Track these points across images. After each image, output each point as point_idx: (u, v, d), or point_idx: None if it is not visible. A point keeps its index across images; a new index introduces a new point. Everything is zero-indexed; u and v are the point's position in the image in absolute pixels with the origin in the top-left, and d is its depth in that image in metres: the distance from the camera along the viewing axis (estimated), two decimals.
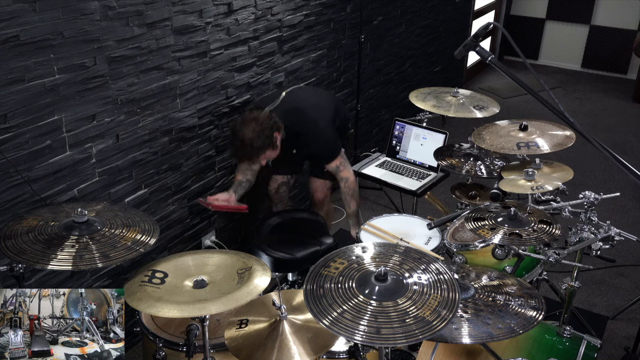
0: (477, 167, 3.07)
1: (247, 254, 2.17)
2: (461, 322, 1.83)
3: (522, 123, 2.85)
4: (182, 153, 3.03)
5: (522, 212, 2.29)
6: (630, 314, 3.33)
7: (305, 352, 1.83)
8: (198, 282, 1.96)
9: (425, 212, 3.89)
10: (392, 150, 3.56)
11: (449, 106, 3.31)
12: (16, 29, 2.13)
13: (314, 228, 2.98)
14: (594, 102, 6.51)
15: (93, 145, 2.55)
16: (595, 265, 3.00)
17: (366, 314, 1.60)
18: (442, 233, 2.63)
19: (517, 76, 1.91)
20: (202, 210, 3.26)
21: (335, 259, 1.86)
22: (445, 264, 1.83)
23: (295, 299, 2.06)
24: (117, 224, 2.00)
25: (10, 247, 1.83)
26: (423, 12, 5.20)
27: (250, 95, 3.37)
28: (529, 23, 7.46)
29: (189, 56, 2.90)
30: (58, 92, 2.34)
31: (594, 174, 4.90)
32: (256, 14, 3.24)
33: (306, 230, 2.97)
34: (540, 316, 1.86)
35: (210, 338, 2.09)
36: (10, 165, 2.24)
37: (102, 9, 2.42)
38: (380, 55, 4.69)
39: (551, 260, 2.25)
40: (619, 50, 7.06)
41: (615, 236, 2.21)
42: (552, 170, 2.72)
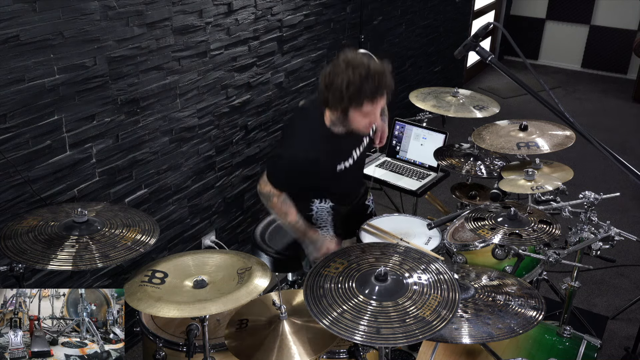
0: (477, 167, 3.07)
1: (247, 254, 2.17)
2: (461, 322, 1.83)
3: (522, 123, 2.85)
4: (182, 153, 3.03)
5: (522, 212, 2.29)
6: (630, 314, 3.33)
7: (305, 352, 1.83)
8: (198, 282, 1.96)
9: (425, 212, 3.89)
10: (392, 150, 3.56)
11: (449, 106, 3.30)
12: (16, 29, 2.14)
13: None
14: (594, 102, 6.51)
15: (93, 145, 2.55)
16: (595, 265, 2.99)
17: (366, 314, 1.60)
18: (442, 233, 2.63)
19: (517, 76, 1.91)
20: (202, 210, 3.26)
21: (335, 259, 1.86)
22: (445, 264, 1.83)
23: (295, 299, 2.06)
24: (117, 224, 2.00)
25: (10, 247, 1.83)
26: (423, 12, 5.20)
27: (250, 95, 3.37)
28: (529, 23, 7.46)
29: (189, 56, 2.90)
30: (58, 92, 2.34)
31: (594, 174, 4.90)
32: (256, 14, 3.24)
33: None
34: (540, 316, 1.86)
35: (210, 338, 2.09)
36: (10, 165, 2.24)
37: (102, 9, 2.42)
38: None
39: (551, 260, 2.25)
40: (619, 50, 7.06)
41: (615, 236, 2.21)
42: (552, 170, 2.72)
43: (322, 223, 2.60)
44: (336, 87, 2.08)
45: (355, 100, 2.08)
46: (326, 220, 2.60)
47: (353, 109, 2.12)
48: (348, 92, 2.06)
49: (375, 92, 2.09)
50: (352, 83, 2.06)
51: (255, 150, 3.54)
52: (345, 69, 2.07)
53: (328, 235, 2.54)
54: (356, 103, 2.09)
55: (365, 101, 2.09)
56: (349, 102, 2.09)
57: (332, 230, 2.61)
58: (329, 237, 2.50)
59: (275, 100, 3.58)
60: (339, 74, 2.08)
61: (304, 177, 2.29)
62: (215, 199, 3.33)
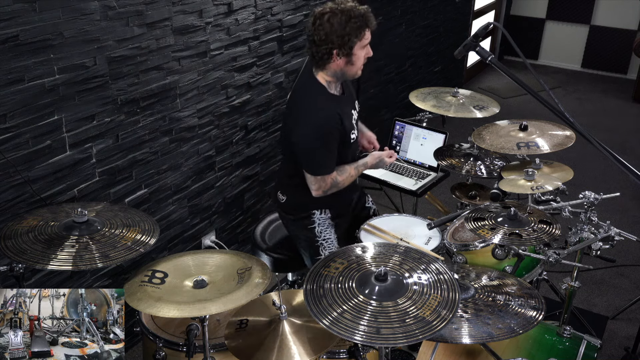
0: (477, 167, 3.07)
1: (247, 254, 2.17)
2: (461, 322, 1.83)
3: (522, 123, 2.85)
4: (182, 153, 3.03)
5: (522, 212, 2.29)
6: (630, 314, 3.33)
7: (305, 352, 1.83)
8: (198, 282, 1.96)
9: (425, 212, 3.89)
10: (392, 150, 3.56)
11: (449, 106, 3.30)
12: (16, 29, 2.13)
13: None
14: (594, 102, 6.51)
15: (93, 145, 2.55)
16: (595, 265, 2.99)
17: (366, 314, 1.60)
18: (442, 233, 2.63)
19: (517, 76, 1.91)
20: (202, 210, 3.26)
21: (335, 259, 1.86)
22: (445, 264, 1.83)
23: (295, 299, 2.06)
24: (117, 224, 2.00)
25: (10, 247, 1.83)
26: (423, 12, 5.20)
27: (250, 95, 3.37)
28: (529, 23, 7.46)
29: (189, 56, 2.90)
30: (58, 92, 2.34)
31: (594, 174, 4.90)
32: (256, 14, 3.24)
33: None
34: (540, 316, 1.86)
35: (210, 338, 2.09)
36: (10, 165, 2.24)
37: (102, 9, 2.42)
38: (380, 55, 4.69)
39: (551, 260, 2.25)
40: (619, 50, 7.06)
41: (615, 236, 2.21)
42: (552, 170, 2.72)
43: (327, 235, 2.62)
44: (334, 31, 2.27)
45: (356, 31, 2.29)
46: (330, 232, 2.63)
47: (357, 44, 2.31)
48: (348, 28, 2.27)
49: (368, 18, 2.33)
50: (347, 20, 2.27)
51: (255, 150, 3.54)
52: (331, 16, 2.28)
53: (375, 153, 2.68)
54: (358, 33, 2.29)
55: (366, 29, 2.32)
56: (354, 36, 2.29)
57: (336, 243, 2.63)
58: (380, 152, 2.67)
59: (275, 100, 3.58)
60: (328, 23, 2.28)
61: (335, 140, 2.43)
62: (215, 199, 3.33)
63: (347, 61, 2.35)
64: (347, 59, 2.34)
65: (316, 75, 2.42)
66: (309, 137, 2.37)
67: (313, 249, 2.61)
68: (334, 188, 2.50)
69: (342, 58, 2.33)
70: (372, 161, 2.62)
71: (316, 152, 2.40)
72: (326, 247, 2.60)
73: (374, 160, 2.62)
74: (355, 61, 2.36)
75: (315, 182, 2.44)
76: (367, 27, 2.32)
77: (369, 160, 2.61)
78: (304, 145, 2.39)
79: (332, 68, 2.38)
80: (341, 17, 2.26)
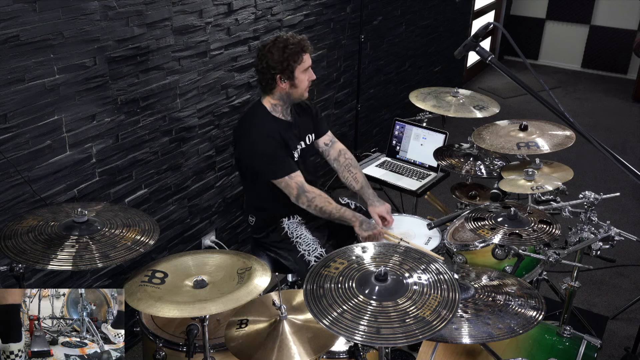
0: (477, 167, 3.07)
1: (247, 254, 2.17)
2: (461, 322, 1.83)
3: (522, 123, 2.85)
4: (182, 153, 3.03)
5: (522, 212, 2.29)
6: (630, 314, 3.33)
7: (305, 352, 1.83)
8: (198, 282, 1.96)
9: (425, 212, 3.89)
10: (392, 150, 3.56)
11: (449, 106, 3.30)
12: (16, 29, 2.14)
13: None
14: (594, 102, 6.51)
15: (93, 145, 2.55)
16: (595, 265, 2.99)
17: (366, 314, 1.60)
18: (442, 233, 2.63)
19: (517, 76, 1.91)
20: (202, 210, 3.26)
21: (335, 259, 1.86)
22: (445, 264, 1.83)
23: (295, 299, 2.06)
24: (117, 224, 2.00)
25: (10, 247, 1.82)
26: (423, 12, 5.20)
27: (250, 95, 3.37)
28: (529, 23, 7.46)
29: (189, 56, 2.90)
30: (58, 92, 2.34)
31: (594, 174, 4.90)
32: (256, 14, 3.24)
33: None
34: (540, 316, 1.86)
35: (210, 338, 2.09)
36: (10, 165, 2.24)
37: (102, 9, 2.42)
38: (380, 55, 4.69)
39: (551, 260, 2.25)
40: (619, 50, 7.06)
41: (615, 236, 2.20)
42: (552, 170, 2.72)
43: (299, 232, 2.66)
44: (274, 59, 2.48)
45: (294, 56, 2.49)
46: (301, 230, 2.67)
47: (297, 68, 2.51)
48: (286, 54, 2.48)
49: (304, 44, 2.53)
50: (284, 47, 2.49)
51: None
52: (272, 46, 2.50)
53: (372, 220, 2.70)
54: (297, 57, 2.50)
55: (303, 53, 2.52)
56: (292, 61, 2.49)
57: (314, 240, 2.64)
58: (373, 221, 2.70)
59: None
60: (269, 52, 2.50)
61: (279, 143, 2.57)
62: (215, 199, 3.33)
63: (290, 84, 2.54)
64: (290, 82, 2.53)
65: (262, 100, 2.62)
66: (254, 145, 2.53)
67: (292, 250, 2.64)
68: (311, 197, 2.57)
69: (285, 82, 2.53)
70: (361, 225, 2.58)
71: (265, 154, 2.53)
72: (302, 244, 2.63)
73: (365, 228, 2.58)
74: (299, 84, 2.55)
75: (286, 187, 2.55)
76: (304, 51, 2.52)
77: (360, 219, 2.60)
78: (251, 153, 2.55)
79: (278, 92, 2.57)
80: (279, 45, 2.49)
